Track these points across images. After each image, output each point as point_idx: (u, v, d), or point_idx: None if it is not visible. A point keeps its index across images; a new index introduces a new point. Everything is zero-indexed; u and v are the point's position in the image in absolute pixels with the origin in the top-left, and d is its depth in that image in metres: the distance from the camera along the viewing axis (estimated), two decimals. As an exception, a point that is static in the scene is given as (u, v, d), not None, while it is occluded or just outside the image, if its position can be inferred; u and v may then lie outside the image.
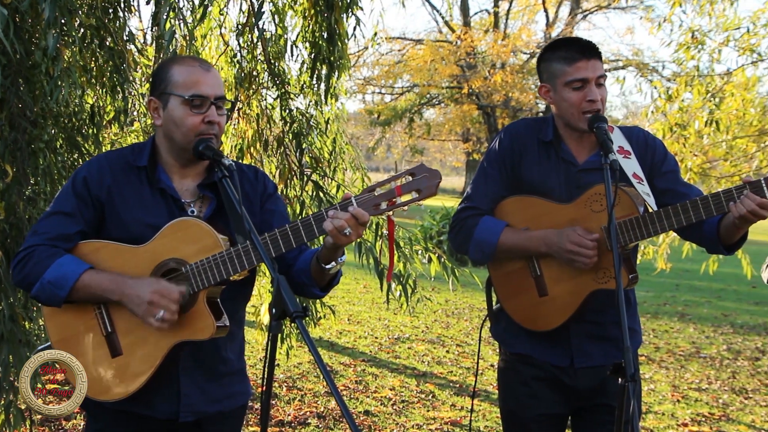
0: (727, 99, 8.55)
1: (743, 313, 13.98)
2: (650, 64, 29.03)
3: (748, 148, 9.00)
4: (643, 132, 3.53)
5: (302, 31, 6.09)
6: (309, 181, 6.22)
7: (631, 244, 3.26)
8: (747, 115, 8.75)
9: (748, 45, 8.23)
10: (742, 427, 7.26)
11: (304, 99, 6.37)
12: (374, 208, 2.73)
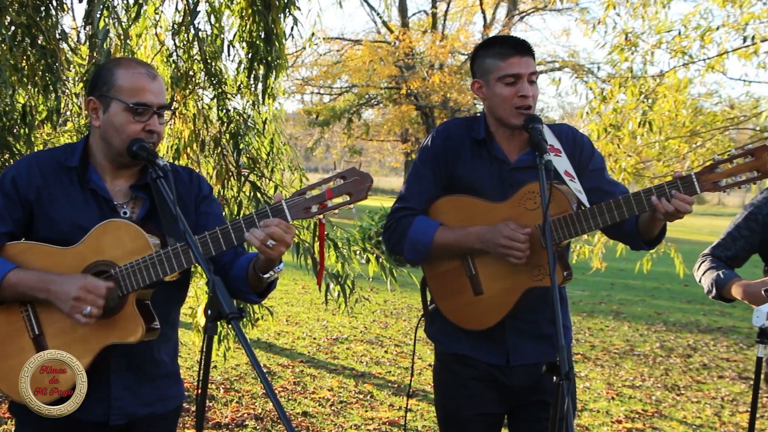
0: (660, 100, 8.69)
1: (676, 311, 14.22)
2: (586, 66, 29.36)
3: (681, 149, 9.16)
4: (572, 129, 3.57)
5: (239, 30, 6.06)
6: (246, 182, 6.18)
7: (565, 241, 3.30)
8: (679, 116, 8.91)
9: (680, 47, 8.37)
10: (674, 423, 7.39)
11: (242, 99, 6.33)
12: (305, 212, 2.73)
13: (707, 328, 12.69)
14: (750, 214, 4.07)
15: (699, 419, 7.54)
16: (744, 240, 4.06)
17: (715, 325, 12.89)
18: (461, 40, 30.88)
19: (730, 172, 3.06)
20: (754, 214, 4.05)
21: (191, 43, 6.05)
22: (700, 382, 9.07)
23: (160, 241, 2.84)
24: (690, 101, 9.15)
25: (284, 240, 2.70)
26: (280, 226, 2.69)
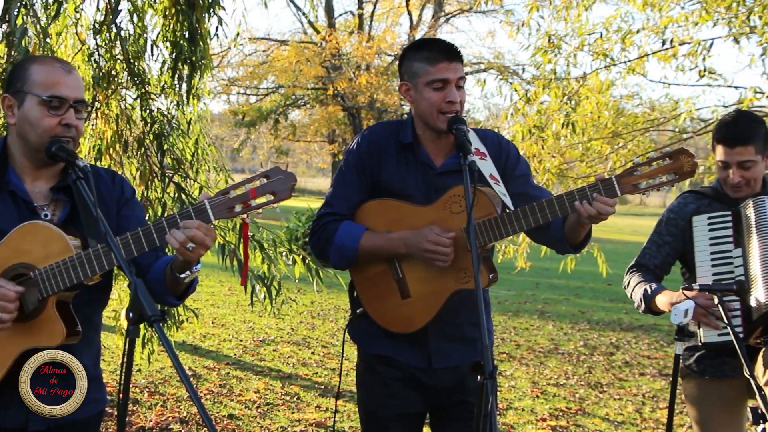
0: (583, 102, 8.80)
1: (599, 309, 14.45)
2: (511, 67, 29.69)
3: (603, 150, 9.29)
4: (497, 135, 3.60)
5: (163, 30, 5.99)
6: (171, 183, 6.12)
7: (490, 244, 3.32)
8: (601, 117, 9.03)
9: (602, 50, 8.49)
10: (597, 420, 7.50)
11: (166, 99, 6.26)
12: (228, 211, 2.71)
13: (629, 326, 12.92)
14: (669, 219, 4.16)
15: (621, 416, 7.67)
16: (668, 246, 4.15)
17: (637, 323, 13.13)
18: (388, 41, 30.98)
19: (649, 174, 3.12)
20: (673, 219, 4.14)
21: (113, 42, 5.96)
22: (622, 379, 9.23)
23: (81, 243, 2.79)
24: (612, 103, 9.27)
25: (204, 243, 2.67)
26: (200, 229, 2.66)
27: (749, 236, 3.91)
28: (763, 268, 3.82)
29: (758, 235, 3.87)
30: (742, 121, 4.00)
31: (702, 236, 3.99)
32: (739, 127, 3.95)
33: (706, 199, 4.14)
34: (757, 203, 3.92)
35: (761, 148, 3.94)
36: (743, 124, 3.98)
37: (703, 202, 4.13)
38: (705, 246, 3.98)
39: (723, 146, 3.95)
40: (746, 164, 3.94)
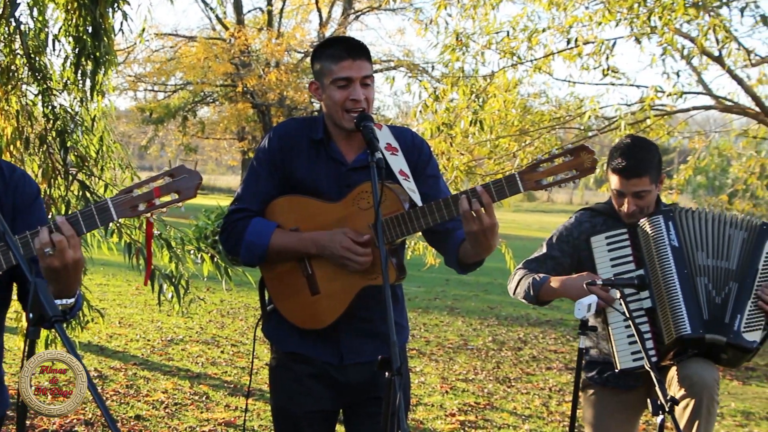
0: (491, 100, 8.90)
1: (507, 305, 14.63)
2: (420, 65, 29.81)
3: (510, 147, 9.41)
4: (411, 133, 3.62)
5: (65, 24, 5.86)
6: (74, 181, 6.00)
7: (398, 240, 3.33)
8: (509, 115, 9.15)
9: (509, 48, 8.60)
10: (504, 414, 7.60)
11: (69, 95, 6.13)
12: (132, 210, 2.67)
13: (537, 321, 13.12)
14: (561, 236, 4.27)
15: (528, 410, 7.78)
16: (553, 261, 4.25)
17: (544, 318, 13.34)
18: (297, 38, 30.87)
19: (552, 171, 3.16)
20: (565, 237, 4.25)
21: (12, 36, 5.81)
22: (529, 373, 9.37)
23: None
24: (519, 101, 9.40)
25: (63, 253, 2.59)
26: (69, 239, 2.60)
27: (650, 259, 4.02)
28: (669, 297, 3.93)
29: (659, 260, 3.99)
30: (637, 152, 4.09)
31: (603, 257, 4.10)
32: (634, 158, 4.05)
33: (601, 217, 4.26)
34: (653, 223, 4.04)
35: (655, 177, 4.08)
36: (638, 155, 4.07)
37: (598, 220, 4.25)
38: (607, 267, 4.09)
39: (618, 177, 4.07)
40: (641, 194, 4.06)
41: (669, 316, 3.94)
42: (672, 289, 3.96)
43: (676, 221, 4.05)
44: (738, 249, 4.05)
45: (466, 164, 9.07)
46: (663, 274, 3.99)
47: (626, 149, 4.07)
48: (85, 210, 2.66)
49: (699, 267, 4.02)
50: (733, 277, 4.02)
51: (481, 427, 7.11)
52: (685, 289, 3.96)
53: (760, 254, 4.03)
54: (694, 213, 4.11)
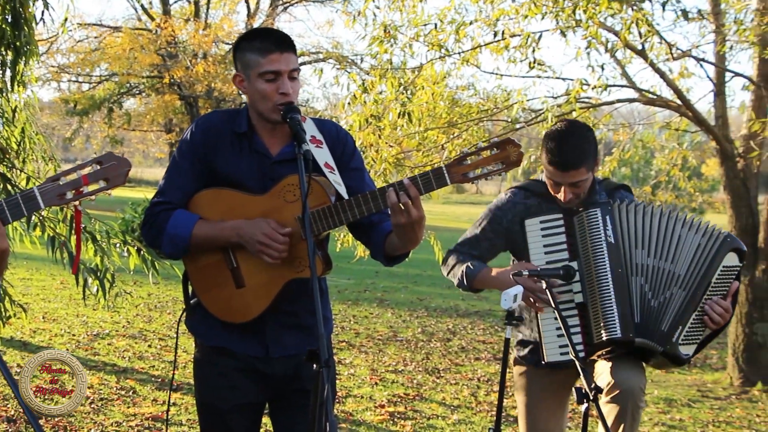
0: (419, 92, 8.91)
1: (437, 296, 14.72)
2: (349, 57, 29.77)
3: (439, 139, 9.43)
4: (336, 126, 3.60)
5: (-17, 13, 5.73)
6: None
7: (324, 233, 3.33)
8: (437, 107, 9.16)
9: (437, 41, 8.62)
10: (434, 404, 7.65)
11: (-13, 86, 6.01)
12: (59, 198, 2.62)
13: (466, 312, 13.22)
14: (494, 216, 4.21)
15: (457, 400, 7.84)
16: (488, 242, 4.22)
17: (473, 309, 13.45)
18: (225, 30, 30.60)
19: (478, 163, 3.18)
20: (498, 217, 4.19)
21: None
22: (458, 364, 9.44)
23: None
24: (447, 93, 9.42)
25: None
26: None
27: (585, 252, 4.00)
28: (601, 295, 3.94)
29: (594, 255, 3.98)
30: (573, 141, 4.00)
31: (536, 242, 4.05)
32: (570, 150, 3.97)
33: (536, 198, 4.20)
34: (590, 217, 4.00)
35: (591, 165, 4.01)
36: (574, 144, 3.99)
37: (533, 201, 4.19)
38: (540, 254, 4.04)
39: (554, 169, 4.00)
40: (578, 183, 4.03)
41: (600, 315, 3.91)
42: (604, 287, 3.92)
43: (614, 215, 3.99)
44: (690, 254, 3.98)
45: (395, 156, 9.07)
46: (596, 270, 3.94)
47: (561, 138, 3.99)
48: (11, 199, 2.60)
49: (636, 266, 3.97)
50: (680, 283, 3.96)
51: (410, 418, 7.14)
52: (618, 289, 3.91)
53: (716, 267, 3.97)
54: (638, 207, 4.04)
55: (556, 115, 8.38)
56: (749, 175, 9.11)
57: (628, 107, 11.79)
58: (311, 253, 2.92)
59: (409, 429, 6.86)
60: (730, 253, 3.99)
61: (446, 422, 7.11)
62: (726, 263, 3.98)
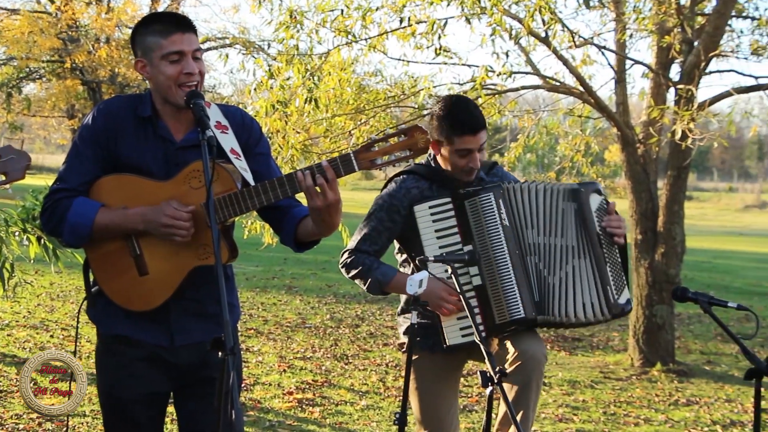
0: (326, 78, 8.89)
1: (345, 283, 14.72)
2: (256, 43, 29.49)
3: (347, 126, 9.42)
4: (241, 112, 3.58)
5: None
6: None
7: (230, 220, 3.30)
8: (344, 94, 9.15)
9: (343, 27, 8.60)
10: (342, 390, 7.67)
11: None
12: (-47, 191, 2.55)
13: (374, 298, 13.24)
14: (391, 206, 4.18)
15: (366, 386, 7.88)
16: (388, 232, 4.22)
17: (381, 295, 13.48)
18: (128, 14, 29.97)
19: (386, 150, 3.19)
20: (395, 206, 4.16)
21: None
22: (366, 350, 9.48)
23: None
24: (354, 80, 9.41)
25: None
26: None
27: (481, 236, 4.05)
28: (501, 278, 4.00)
29: (490, 240, 4.04)
30: (472, 105, 4.15)
31: (427, 227, 4.08)
32: (473, 113, 4.08)
33: (426, 182, 4.22)
34: (483, 201, 4.06)
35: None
36: (475, 108, 4.13)
37: (424, 184, 4.22)
38: (432, 239, 4.08)
39: (467, 135, 4.05)
40: (482, 147, 4.11)
41: (501, 297, 3.99)
42: (504, 270, 4.00)
43: (506, 198, 4.08)
44: (573, 223, 4.10)
45: (302, 143, 9.04)
46: (494, 254, 4.02)
47: (463, 104, 4.11)
48: None
49: (529, 246, 4.07)
50: (579, 254, 4.06)
51: (318, 404, 7.15)
52: (517, 271, 4.01)
53: (591, 217, 4.09)
54: (523, 186, 4.13)
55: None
56: (649, 160, 9.33)
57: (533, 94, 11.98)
58: (216, 240, 2.90)
59: (317, 415, 6.87)
60: (592, 195, 4.13)
61: (354, 408, 7.14)
62: (594, 207, 4.12)
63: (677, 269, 9.29)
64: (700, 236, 28.66)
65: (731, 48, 9.39)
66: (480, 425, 6.81)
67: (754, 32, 9.51)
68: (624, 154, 9.38)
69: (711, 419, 7.50)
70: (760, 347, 10.88)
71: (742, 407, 7.91)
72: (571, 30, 8.66)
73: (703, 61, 8.71)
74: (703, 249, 24.09)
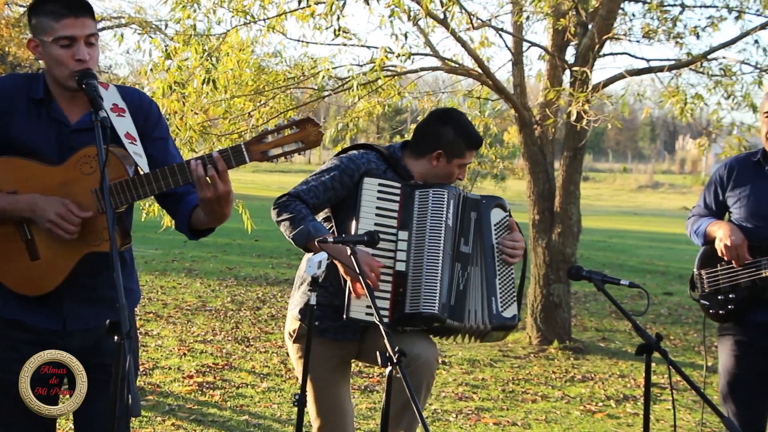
0: (224, 59, 8.79)
1: (246, 265, 14.65)
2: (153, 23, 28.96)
3: (246, 107, 9.34)
4: (139, 93, 3.50)
5: None
6: None
7: (123, 207, 3.23)
8: (243, 75, 9.07)
9: (241, 7, 8.51)
10: (243, 373, 7.64)
11: None
12: None
13: (275, 280, 13.21)
14: (347, 168, 4.09)
15: (267, 368, 7.86)
16: (333, 192, 4.06)
17: (283, 277, 13.46)
18: (19, -9, 29.17)
19: (278, 142, 3.16)
20: (351, 170, 4.08)
21: None
22: (268, 332, 9.45)
23: None
24: (253, 61, 9.33)
25: None
26: None
27: (421, 227, 4.05)
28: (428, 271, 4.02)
29: (431, 233, 4.04)
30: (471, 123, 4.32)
31: (370, 202, 4.03)
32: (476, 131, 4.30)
33: (385, 164, 4.21)
34: (436, 195, 4.07)
35: None
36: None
37: (382, 166, 4.19)
38: (371, 214, 4.03)
39: (469, 149, 4.23)
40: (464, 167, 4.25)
41: (420, 288, 3.98)
42: (433, 264, 3.99)
43: (456, 201, 4.11)
44: (473, 231, 4.14)
45: (201, 124, 8.94)
46: (429, 246, 4.01)
47: (466, 120, 4.28)
48: None
49: (458, 253, 4.09)
50: (472, 261, 4.11)
51: (219, 388, 7.11)
52: (445, 271, 4.01)
53: (489, 228, 4.14)
54: (468, 198, 4.19)
55: (361, 83, 8.46)
56: (546, 142, 9.50)
57: (433, 75, 12.07)
58: (111, 227, 2.85)
59: (218, 399, 6.82)
60: (495, 210, 4.20)
61: (256, 390, 7.11)
62: (495, 220, 4.18)
63: (573, 249, 9.49)
64: (596, 216, 29.36)
65: (624, 31, 9.61)
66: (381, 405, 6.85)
67: (645, 16, 9.75)
68: (521, 135, 9.53)
69: (605, 394, 7.70)
70: (652, 323, 11.22)
71: (635, 382, 8.14)
72: (469, 12, 8.73)
73: (597, 44, 8.89)
74: (598, 229, 24.69)
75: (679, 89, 9.22)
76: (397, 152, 4.27)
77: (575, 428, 6.70)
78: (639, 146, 71.58)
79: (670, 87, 9.31)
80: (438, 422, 6.58)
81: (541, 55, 9.80)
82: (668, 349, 9.39)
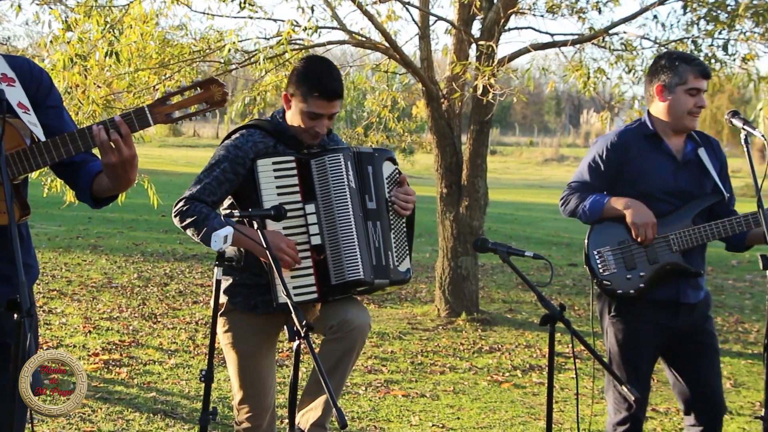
0: (127, 31, 8.63)
1: (153, 241, 14.45)
2: (54, -6, 28.28)
3: (150, 80, 9.20)
4: (29, 62, 3.40)
5: None
6: None
7: (21, 177, 3.15)
8: (147, 48, 8.92)
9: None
10: (150, 350, 7.55)
11: None
12: None
13: (183, 256, 13.07)
14: (236, 157, 4.04)
15: (174, 344, 7.79)
16: (229, 184, 4.03)
17: (191, 253, 13.32)
18: None
19: (182, 104, 3.12)
20: (240, 158, 4.03)
21: None
22: (175, 308, 9.35)
23: None
24: (158, 33, 9.18)
25: None
26: None
27: (326, 196, 4.02)
28: (344, 239, 4.00)
29: (336, 200, 4.01)
30: (336, 73, 4.09)
31: (269, 183, 3.98)
32: (337, 80, 4.05)
33: (272, 138, 4.14)
34: (332, 161, 4.02)
35: None
36: (338, 77, 4.08)
37: (270, 141, 4.14)
38: (273, 195, 3.97)
39: (322, 100, 4.00)
40: (333, 115, 4.08)
41: (341, 258, 3.97)
42: (347, 231, 3.98)
43: (354, 161, 4.07)
44: (373, 185, 4.12)
45: (104, 98, 8.77)
46: (338, 214, 3.99)
47: (326, 69, 4.07)
48: None
49: (367, 211, 4.07)
50: (376, 215, 4.09)
51: (126, 365, 7.03)
52: (359, 233, 4.00)
53: (382, 182, 4.14)
54: (363, 154, 4.15)
55: (268, 57, 8.40)
56: (453, 115, 9.57)
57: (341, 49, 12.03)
58: (9, 199, 2.78)
59: (124, 376, 6.74)
60: (386, 163, 4.20)
61: (163, 367, 7.05)
62: (386, 173, 4.18)
63: (481, 221, 9.60)
64: (503, 189, 29.73)
65: (528, 6, 9.71)
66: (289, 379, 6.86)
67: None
68: (429, 109, 9.57)
69: (512, 364, 7.84)
70: (557, 294, 11.44)
71: (540, 352, 8.31)
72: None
73: (503, 18, 8.98)
74: (505, 202, 25.02)
75: (582, 63, 9.39)
76: (280, 119, 4.21)
77: (483, 398, 6.81)
78: (545, 120, 72.59)
79: (574, 61, 9.46)
80: (347, 395, 6.61)
81: (447, 29, 9.85)
82: (572, 319, 9.61)
